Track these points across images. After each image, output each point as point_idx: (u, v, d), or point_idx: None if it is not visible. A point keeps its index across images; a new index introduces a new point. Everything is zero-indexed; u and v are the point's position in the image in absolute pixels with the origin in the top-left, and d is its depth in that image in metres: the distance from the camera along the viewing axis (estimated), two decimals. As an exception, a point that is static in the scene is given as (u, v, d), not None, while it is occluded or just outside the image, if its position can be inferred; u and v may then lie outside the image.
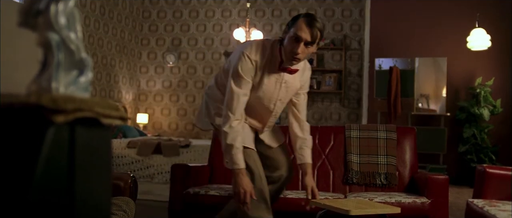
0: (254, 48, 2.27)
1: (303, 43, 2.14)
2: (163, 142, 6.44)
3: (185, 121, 8.34)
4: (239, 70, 2.24)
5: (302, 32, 2.13)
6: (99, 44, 7.02)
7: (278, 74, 2.32)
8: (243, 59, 2.25)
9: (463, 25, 6.39)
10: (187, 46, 8.37)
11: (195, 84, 8.34)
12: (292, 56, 2.18)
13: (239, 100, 2.25)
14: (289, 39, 2.18)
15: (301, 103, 2.51)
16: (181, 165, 2.94)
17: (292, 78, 2.37)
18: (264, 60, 2.27)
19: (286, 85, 2.37)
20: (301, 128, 2.51)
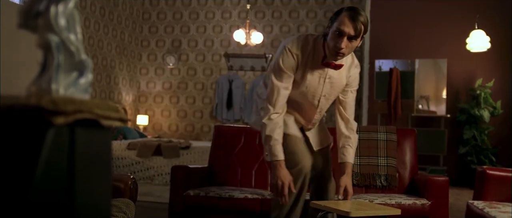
0: (296, 42, 2.26)
1: (347, 37, 2.11)
2: (163, 143, 6.44)
3: (185, 123, 8.34)
4: (280, 63, 2.26)
5: (345, 26, 2.10)
6: (99, 46, 7.02)
7: (322, 69, 2.28)
8: (284, 53, 2.25)
9: (463, 26, 6.39)
10: (187, 48, 8.38)
11: (195, 85, 8.34)
12: (336, 51, 2.14)
13: (279, 94, 2.26)
14: (332, 34, 2.14)
15: (348, 101, 2.43)
16: (181, 167, 2.94)
17: (337, 74, 2.31)
18: (306, 55, 2.25)
19: (330, 81, 2.32)
20: (346, 126, 2.43)
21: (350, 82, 2.40)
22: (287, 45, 2.25)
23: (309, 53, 2.25)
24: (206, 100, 8.30)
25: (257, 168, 3.27)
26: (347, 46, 2.13)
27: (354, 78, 2.41)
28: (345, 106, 2.43)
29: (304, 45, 2.26)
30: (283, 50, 2.26)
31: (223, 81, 8.15)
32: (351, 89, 2.43)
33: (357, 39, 2.14)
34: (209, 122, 8.27)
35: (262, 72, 8.07)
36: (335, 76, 2.32)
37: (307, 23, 8.00)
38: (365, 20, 2.13)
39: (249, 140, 3.36)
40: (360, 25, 2.10)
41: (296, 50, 2.24)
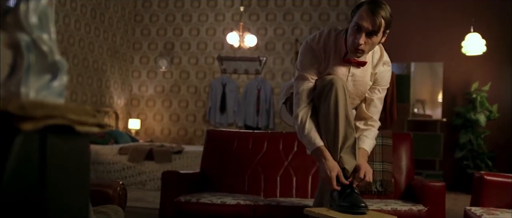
0: (318, 37, 2.23)
1: (365, 33, 2.02)
2: (155, 148, 6.38)
3: (177, 127, 8.28)
4: (303, 58, 2.25)
5: (363, 21, 2.01)
6: (90, 49, 6.96)
7: (345, 67, 2.22)
8: (306, 47, 2.25)
9: (459, 29, 6.39)
10: (180, 51, 8.33)
11: (187, 89, 8.29)
12: (354, 47, 2.06)
13: (304, 86, 2.23)
14: (351, 29, 2.07)
15: (374, 99, 2.30)
16: (172, 172, 2.89)
17: (361, 72, 2.23)
18: (328, 50, 2.21)
19: (354, 79, 2.23)
20: (365, 123, 2.30)
21: (378, 80, 2.29)
22: (309, 40, 2.26)
23: (331, 48, 2.21)
24: (199, 104, 8.25)
25: (250, 174, 3.23)
26: (366, 43, 2.05)
27: (382, 76, 2.30)
28: (369, 104, 2.31)
29: (326, 40, 2.22)
30: (305, 45, 2.26)
31: (216, 84, 8.10)
32: (379, 88, 2.32)
33: (378, 34, 2.05)
34: (202, 126, 8.21)
35: (256, 76, 8.04)
36: (358, 74, 2.24)
37: (302, 25, 7.98)
38: (386, 14, 2.04)
39: (242, 144, 3.32)
40: (380, 19, 2.01)
41: (317, 45, 2.22)
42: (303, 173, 3.17)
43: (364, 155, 2.24)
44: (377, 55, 2.27)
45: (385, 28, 2.06)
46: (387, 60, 2.32)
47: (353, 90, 2.26)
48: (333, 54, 2.21)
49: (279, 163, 3.23)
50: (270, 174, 3.20)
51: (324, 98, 2.14)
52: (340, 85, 2.10)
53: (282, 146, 3.29)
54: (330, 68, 2.22)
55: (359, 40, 2.03)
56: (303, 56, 2.26)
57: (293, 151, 3.24)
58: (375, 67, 2.27)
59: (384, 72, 2.31)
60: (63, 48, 6.29)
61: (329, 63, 2.22)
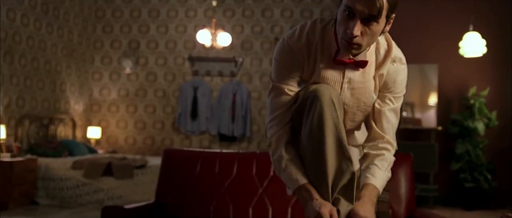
0: (298, 33, 1.69)
1: (360, 19, 1.50)
2: (115, 161, 5.86)
3: (143, 135, 7.76)
4: (279, 63, 1.74)
5: (357, 3, 1.48)
6: (41, 47, 6.39)
7: (338, 71, 1.68)
8: (282, 47, 1.71)
9: (456, 28, 6.02)
10: (146, 50, 7.81)
11: (155, 93, 7.77)
12: (347, 41, 1.54)
13: (280, 102, 1.74)
14: (340, 16, 1.55)
15: (386, 111, 1.76)
16: (112, 208, 2.39)
17: (360, 75, 1.70)
18: (313, 49, 1.69)
19: (351, 86, 1.70)
20: (375, 147, 1.77)
21: (388, 85, 1.74)
22: (286, 38, 1.71)
23: (316, 46, 1.69)
24: (168, 109, 7.74)
25: (216, 204, 2.76)
26: (363, 33, 1.53)
27: (394, 79, 1.73)
28: (380, 119, 1.78)
29: (310, 35, 1.68)
30: (281, 45, 1.72)
31: (187, 88, 7.60)
32: (391, 95, 1.77)
33: (378, 20, 1.51)
34: (171, 134, 7.70)
35: (231, 78, 7.57)
36: (357, 79, 1.70)
37: (282, 23, 7.54)
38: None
39: (206, 167, 2.85)
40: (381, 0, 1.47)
41: (297, 44, 1.68)
42: (281, 203, 2.71)
43: (371, 195, 1.68)
44: (383, 50, 1.72)
45: (389, 10, 1.53)
46: (398, 55, 1.73)
47: (352, 102, 1.75)
48: (320, 54, 1.69)
49: (252, 191, 2.77)
50: (240, 204, 2.74)
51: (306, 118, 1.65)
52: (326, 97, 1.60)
53: (255, 169, 2.83)
54: (316, 74, 1.71)
55: (352, 29, 1.50)
56: (278, 61, 1.74)
57: (269, 176, 2.78)
58: (381, 67, 1.71)
59: (396, 72, 1.73)
60: (7, 47, 5.72)
61: (315, 68, 1.71)
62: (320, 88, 1.64)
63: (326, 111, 1.60)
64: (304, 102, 1.66)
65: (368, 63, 1.70)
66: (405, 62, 1.78)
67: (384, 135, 1.78)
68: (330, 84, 1.71)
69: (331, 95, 1.63)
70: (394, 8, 1.55)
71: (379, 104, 1.79)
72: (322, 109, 1.60)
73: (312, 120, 1.62)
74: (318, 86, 1.65)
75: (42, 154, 6.05)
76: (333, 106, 1.62)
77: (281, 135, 1.75)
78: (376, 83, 1.75)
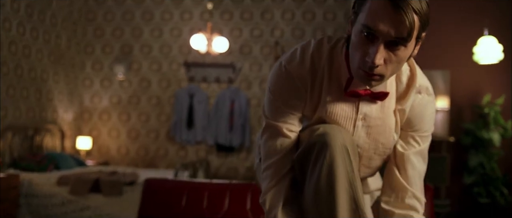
0: (300, 55, 1.36)
1: (384, 43, 1.16)
2: (103, 177, 5.51)
3: (137, 145, 7.40)
4: (275, 94, 1.40)
5: (379, 21, 1.13)
6: (25, 54, 6.04)
7: (350, 104, 1.36)
8: (279, 74, 1.38)
9: (470, 32, 5.65)
10: (140, 55, 7.45)
11: (149, 100, 7.42)
12: (364, 68, 1.19)
13: (276, 146, 1.40)
14: (356, 37, 1.21)
15: (408, 154, 1.43)
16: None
17: (378, 110, 1.37)
18: (318, 76, 1.36)
19: (367, 123, 1.38)
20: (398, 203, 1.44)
21: (412, 121, 1.40)
22: (283, 61, 1.38)
23: (323, 72, 1.35)
24: (163, 117, 7.38)
25: (204, 245, 2.42)
26: (388, 61, 1.18)
27: (420, 113, 1.40)
28: (404, 165, 1.43)
29: (316, 58, 1.35)
30: (277, 69, 1.39)
31: (182, 95, 7.25)
32: (418, 135, 1.43)
33: (407, 44, 1.18)
34: (165, 144, 7.35)
35: (229, 85, 7.21)
36: (375, 114, 1.37)
37: (283, 25, 7.17)
38: (420, 5, 1.15)
39: (193, 200, 2.52)
40: (411, 15, 1.13)
41: (298, 69, 1.35)
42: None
43: None
44: (405, 77, 1.38)
45: (420, 29, 1.19)
46: (424, 83, 1.40)
47: (368, 143, 1.41)
48: (328, 83, 1.35)
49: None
50: (232, 245, 2.41)
51: (311, 170, 1.31)
52: (337, 143, 1.27)
53: (250, 203, 2.49)
54: (323, 108, 1.37)
55: (374, 57, 1.15)
56: (274, 92, 1.40)
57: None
58: (404, 99, 1.37)
59: (422, 105, 1.40)
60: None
61: (320, 100, 1.37)
62: (329, 131, 1.28)
63: (338, 163, 1.25)
64: (310, 150, 1.30)
65: (388, 95, 1.35)
66: (432, 92, 1.44)
67: (409, 187, 1.42)
68: (340, 121, 1.36)
69: (344, 140, 1.28)
70: (426, 25, 1.20)
71: (402, 147, 1.43)
72: (333, 160, 1.25)
73: (319, 174, 1.27)
74: (327, 129, 1.30)
75: (25, 168, 5.70)
76: (347, 156, 1.26)
77: (277, 192, 1.39)
78: (397, 120, 1.40)
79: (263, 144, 1.44)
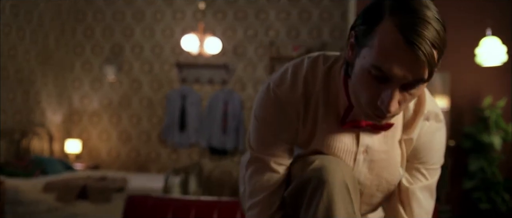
0: (291, 76, 1.16)
1: (399, 86, 0.98)
2: (91, 183, 5.30)
3: (128, 148, 7.19)
4: (262, 122, 1.20)
5: (392, 64, 0.95)
6: (11, 54, 5.81)
7: (349, 134, 1.18)
8: (267, 99, 1.19)
9: (472, 33, 5.45)
10: (131, 56, 7.23)
11: (140, 102, 7.20)
12: (375, 112, 1.02)
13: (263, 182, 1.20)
14: (363, 73, 1.01)
15: (414, 190, 1.25)
16: None
17: (381, 142, 1.19)
18: (313, 101, 1.16)
19: (370, 156, 1.19)
20: None
21: (420, 152, 1.23)
22: (272, 83, 1.18)
23: (317, 97, 1.16)
24: (154, 120, 7.17)
25: None
26: (402, 102, 1.01)
27: (429, 144, 1.22)
28: (409, 202, 1.24)
29: (308, 81, 1.16)
30: (265, 92, 1.20)
31: (174, 96, 7.04)
32: (425, 168, 1.26)
33: (426, 82, 1.01)
34: (157, 147, 7.13)
35: (222, 86, 7.00)
36: (377, 146, 1.19)
37: (278, 26, 6.97)
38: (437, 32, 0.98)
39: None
40: (429, 51, 0.94)
41: (289, 93, 1.15)
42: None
43: None
44: (412, 102, 1.19)
45: (439, 60, 1.01)
46: (433, 109, 1.22)
47: (370, 179, 1.22)
48: (323, 110, 1.16)
49: (236, 251, 2.23)
50: None
51: (306, 209, 1.11)
52: (336, 179, 1.07)
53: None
54: (318, 139, 1.17)
55: (389, 104, 0.97)
56: (261, 120, 1.20)
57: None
58: (411, 127, 1.19)
59: (431, 134, 1.22)
60: (-32, 57, 5.15)
61: (315, 130, 1.17)
62: (327, 164, 1.09)
63: (338, 202, 1.06)
64: (304, 186, 1.11)
65: (394, 125, 1.16)
66: (442, 118, 1.25)
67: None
68: (338, 154, 1.16)
69: (344, 176, 1.09)
70: (443, 50, 1.01)
71: (407, 181, 1.25)
72: (332, 199, 1.06)
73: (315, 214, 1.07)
74: (324, 161, 1.10)
75: (11, 173, 5.48)
76: (348, 195, 1.07)
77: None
78: (403, 151, 1.21)
79: (248, 179, 1.24)
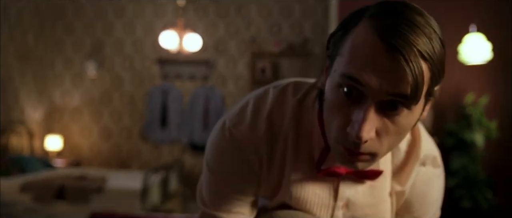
0: (252, 113, 0.92)
1: (375, 103, 0.74)
2: (69, 183, 5.16)
3: (109, 144, 7.04)
4: (213, 170, 0.95)
5: (366, 69, 0.71)
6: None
7: (326, 186, 0.95)
8: (220, 140, 0.94)
9: (455, 29, 5.35)
10: (112, 52, 7.06)
11: (121, 98, 7.04)
12: (345, 144, 0.77)
13: None
14: (333, 92, 0.78)
15: None
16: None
17: (366, 194, 0.98)
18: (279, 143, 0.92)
19: (351, 213, 0.98)
20: None
21: (413, 205, 1.03)
22: (228, 121, 0.94)
23: (285, 138, 0.92)
24: (136, 116, 7.02)
25: None
26: (383, 132, 0.76)
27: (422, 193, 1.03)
28: None
29: (273, 118, 0.92)
30: (219, 133, 0.95)
31: (155, 92, 6.89)
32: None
33: (412, 106, 0.76)
34: (139, 144, 6.99)
35: (203, 83, 6.86)
36: (361, 199, 0.97)
37: (259, 21, 6.83)
38: (429, 43, 0.73)
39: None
40: (417, 62, 0.71)
41: (249, 134, 0.91)
42: None
43: None
44: (405, 144, 0.98)
45: (433, 81, 0.78)
46: (430, 152, 1.01)
47: None
48: (293, 154, 0.92)
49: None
50: None
51: None
52: None
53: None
54: (286, 191, 0.95)
55: (360, 128, 0.72)
56: (214, 169, 0.95)
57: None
58: (402, 174, 0.97)
59: (426, 182, 1.02)
60: None
61: (282, 179, 0.94)
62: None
63: None
64: None
65: (382, 174, 0.94)
66: (440, 162, 1.04)
67: None
68: (311, 209, 0.95)
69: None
70: (441, 76, 0.78)
71: None
72: None
73: None
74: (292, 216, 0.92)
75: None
76: None
77: None
78: (393, 205, 1.00)
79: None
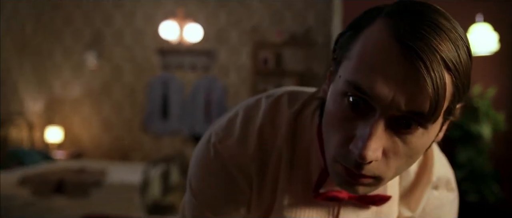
0: (241, 126, 0.80)
1: (385, 119, 0.60)
2: (69, 176, 5.03)
3: (110, 136, 6.91)
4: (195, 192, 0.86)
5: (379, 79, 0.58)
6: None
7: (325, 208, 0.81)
8: (204, 158, 0.84)
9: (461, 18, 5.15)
10: (111, 42, 6.90)
11: (122, 89, 6.90)
12: (346, 162, 0.63)
13: None
14: (335, 102, 0.65)
15: None
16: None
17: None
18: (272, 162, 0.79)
19: None
20: None
21: None
22: (213, 136, 0.83)
23: (278, 155, 0.79)
24: (136, 107, 6.88)
25: None
26: (391, 153, 0.62)
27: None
28: None
29: (265, 134, 0.79)
30: (203, 148, 0.85)
31: (156, 83, 6.74)
32: None
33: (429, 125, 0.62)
34: (140, 135, 6.86)
35: (205, 73, 6.70)
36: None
37: (262, 11, 6.64)
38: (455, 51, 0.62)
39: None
40: (439, 72, 0.58)
41: (236, 151, 0.79)
42: None
43: None
44: (415, 165, 0.86)
45: (455, 98, 0.63)
46: (444, 175, 0.91)
47: None
48: (287, 174, 0.79)
49: None
50: None
51: None
52: None
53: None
54: (277, 215, 0.80)
55: (364, 145, 0.58)
56: (197, 191, 0.85)
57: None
58: (411, 198, 0.85)
59: (439, 207, 0.89)
60: None
61: (274, 203, 0.80)
62: None
63: None
64: None
65: (391, 199, 0.82)
66: (455, 185, 0.92)
67: None
68: None
69: None
70: (466, 91, 0.65)
71: None
72: None
73: None
74: None
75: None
76: None
77: None
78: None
79: None
